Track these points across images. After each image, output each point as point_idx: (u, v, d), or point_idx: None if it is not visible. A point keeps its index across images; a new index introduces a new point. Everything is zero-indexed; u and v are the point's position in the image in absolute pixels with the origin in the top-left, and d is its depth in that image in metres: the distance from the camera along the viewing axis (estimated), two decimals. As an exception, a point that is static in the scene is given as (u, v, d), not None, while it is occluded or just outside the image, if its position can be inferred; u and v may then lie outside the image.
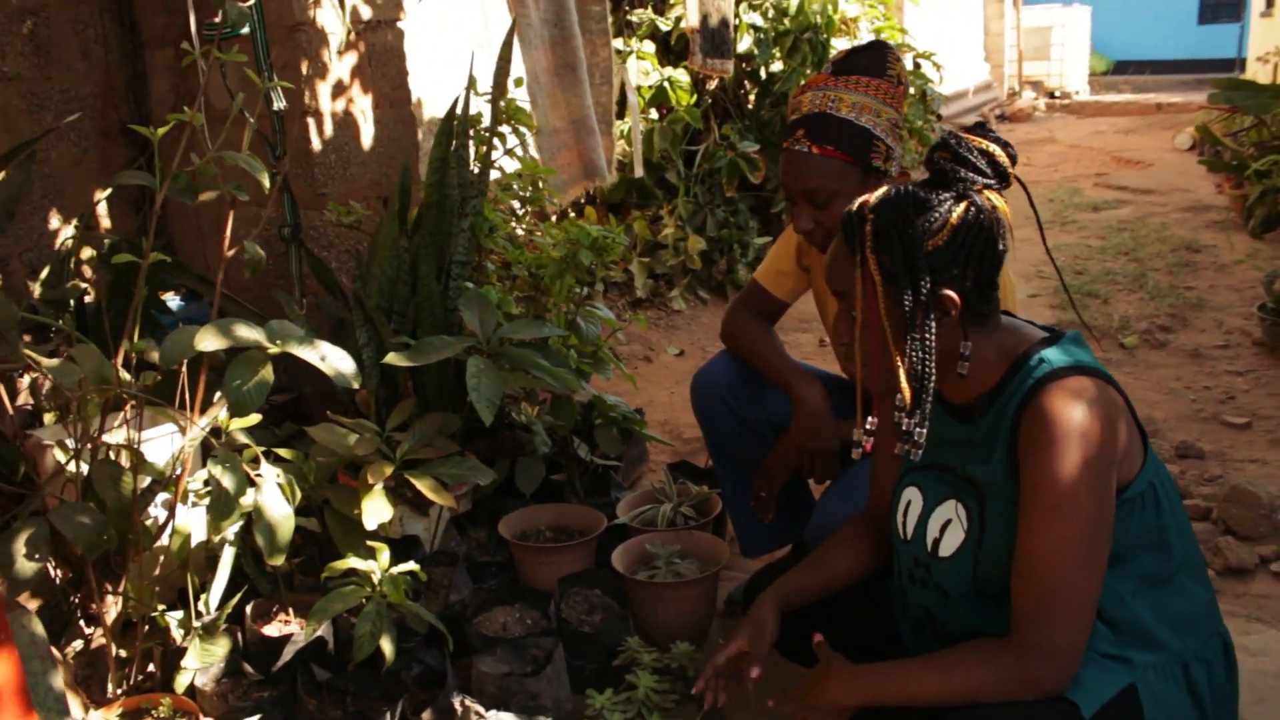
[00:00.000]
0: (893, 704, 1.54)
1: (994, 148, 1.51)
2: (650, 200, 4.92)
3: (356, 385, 1.67)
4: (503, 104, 2.71)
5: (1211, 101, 6.19)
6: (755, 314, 2.38)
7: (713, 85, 5.08)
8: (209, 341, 1.56)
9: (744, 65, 5.09)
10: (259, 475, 1.81)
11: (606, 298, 4.68)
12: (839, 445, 2.22)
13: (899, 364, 1.52)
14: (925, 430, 1.54)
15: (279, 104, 2.29)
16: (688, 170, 4.97)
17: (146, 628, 2.06)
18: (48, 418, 2.44)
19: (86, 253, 2.97)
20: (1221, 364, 4.12)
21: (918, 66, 6.21)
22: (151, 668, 2.13)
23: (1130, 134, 9.85)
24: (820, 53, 5.21)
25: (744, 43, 4.93)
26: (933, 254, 1.48)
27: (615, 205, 5.03)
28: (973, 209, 1.48)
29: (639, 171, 3.75)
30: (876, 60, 2.03)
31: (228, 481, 1.73)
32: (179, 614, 2.10)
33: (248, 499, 1.79)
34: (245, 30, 2.37)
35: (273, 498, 1.78)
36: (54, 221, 3.11)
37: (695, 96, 4.86)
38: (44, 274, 2.72)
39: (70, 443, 1.98)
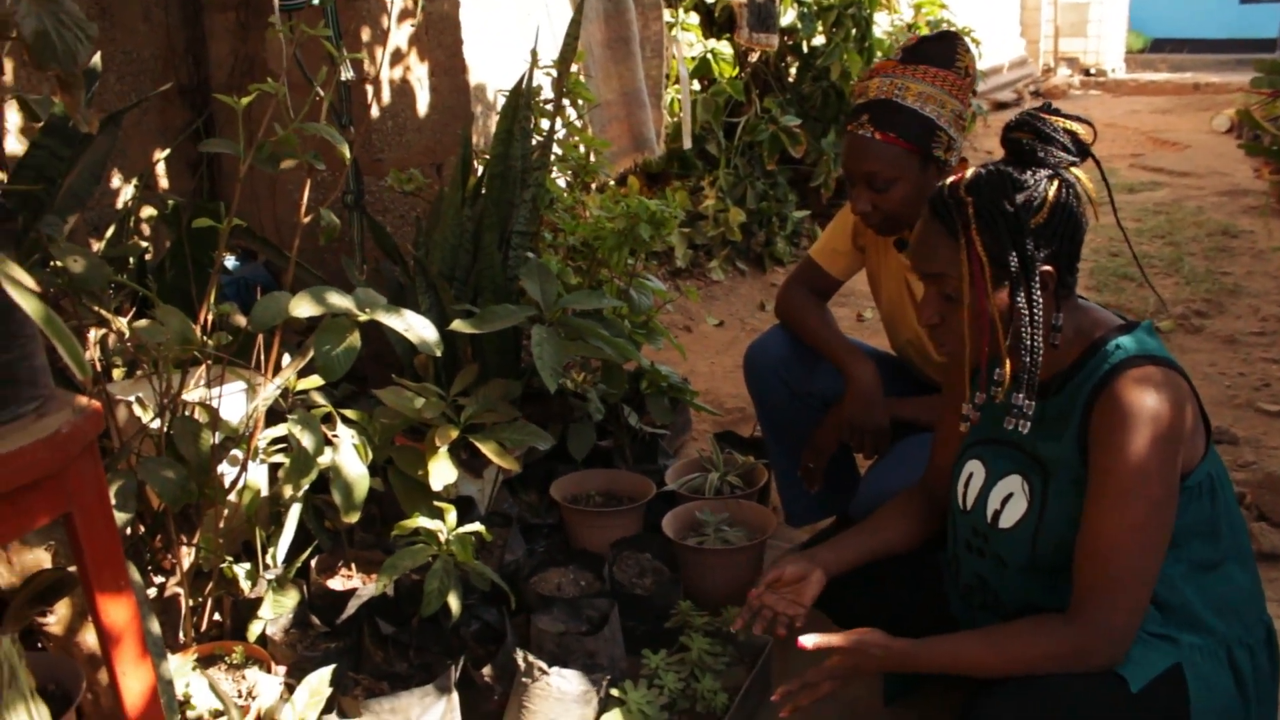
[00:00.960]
0: (947, 671, 1.60)
1: (1076, 125, 1.55)
2: (691, 171, 4.95)
3: (439, 353, 1.74)
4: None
5: (1254, 85, 6.15)
6: (809, 290, 2.43)
7: (755, 58, 5.09)
8: (303, 308, 1.63)
9: (786, 39, 5.10)
10: (335, 435, 1.88)
11: (648, 264, 4.73)
12: (888, 422, 2.27)
13: (1003, 341, 1.56)
14: (1032, 404, 1.57)
15: (347, 74, 2.34)
16: (728, 142, 5.00)
17: (215, 579, 2.14)
18: (116, 373, 2.51)
19: (146, 212, 3.04)
20: (1257, 351, 4.14)
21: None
22: (218, 616, 2.21)
23: (1167, 114, 9.77)
24: (863, 27, 5.22)
25: (788, 17, 4.94)
26: (1035, 231, 1.52)
27: (655, 175, 5.06)
28: (1065, 187, 1.52)
29: (688, 143, 3.78)
30: (946, 51, 2.07)
31: (307, 441, 1.79)
32: (246, 566, 2.19)
33: (324, 457, 1.86)
34: (316, 1, 2.41)
35: (349, 457, 1.85)
36: (115, 181, 3.17)
37: (738, 69, 4.87)
38: (109, 233, 2.78)
39: (147, 399, 2.05)
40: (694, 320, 4.60)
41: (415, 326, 1.73)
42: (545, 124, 2.72)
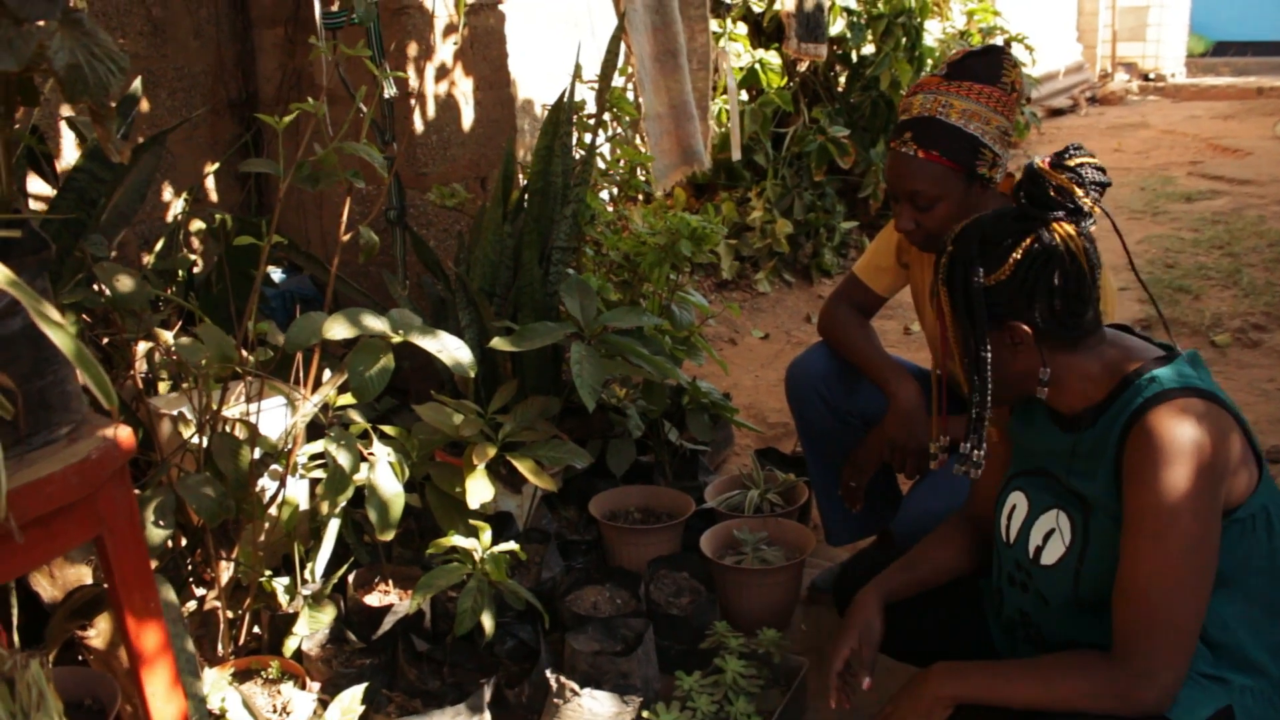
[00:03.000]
0: (990, 703, 1.56)
1: (1074, 185, 1.53)
2: (738, 182, 4.93)
3: (473, 374, 1.74)
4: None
5: (1318, 92, 5.99)
6: (853, 307, 2.41)
7: (803, 68, 5.06)
8: (337, 330, 1.64)
9: (835, 49, 5.05)
10: (371, 453, 1.89)
11: (692, 278, 4.71)
12: (929, 442, 2.24)
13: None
14: (982, 453, 1.64)
15: (390, 91, 2.35)
16: (776, 153, 4.97)
17: (253, 593, 2.16)
18: (161, 387, 2.55)
19: (195, 225, 3.08)
20: (1326, 371, 4.03)
21: (1008, 47, 6.11)
22: (257, 630, 2.23)
23: (1228, 120, 9.55)
24: (913, 36, 5.16)
25: (836, 26, 4.90)
26: (995, 289, 1.54)
27: (702, 186, 5.06)
28: (1036, 245, 1.52)
29: (737, 154, 3.76)
30: (991, 66, 2.03)
31: (343, 459, 1.80)
32: (284, 580, 2.20)
33: (360, 475, 1.87)
34: (356, 19, 2.43)
35: (385, 475, 1.85)
36: (165, 194, 3.22)
37: (786, 79, 4.85)
38: (158, 246, 2.83)
39: (189, 414, 2.07)
40: (739, 333, 4.57)
41: (449, 348, 1.73)
42: (588, 138, 2.72)
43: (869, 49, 5.12)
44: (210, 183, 3.36)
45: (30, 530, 1.07)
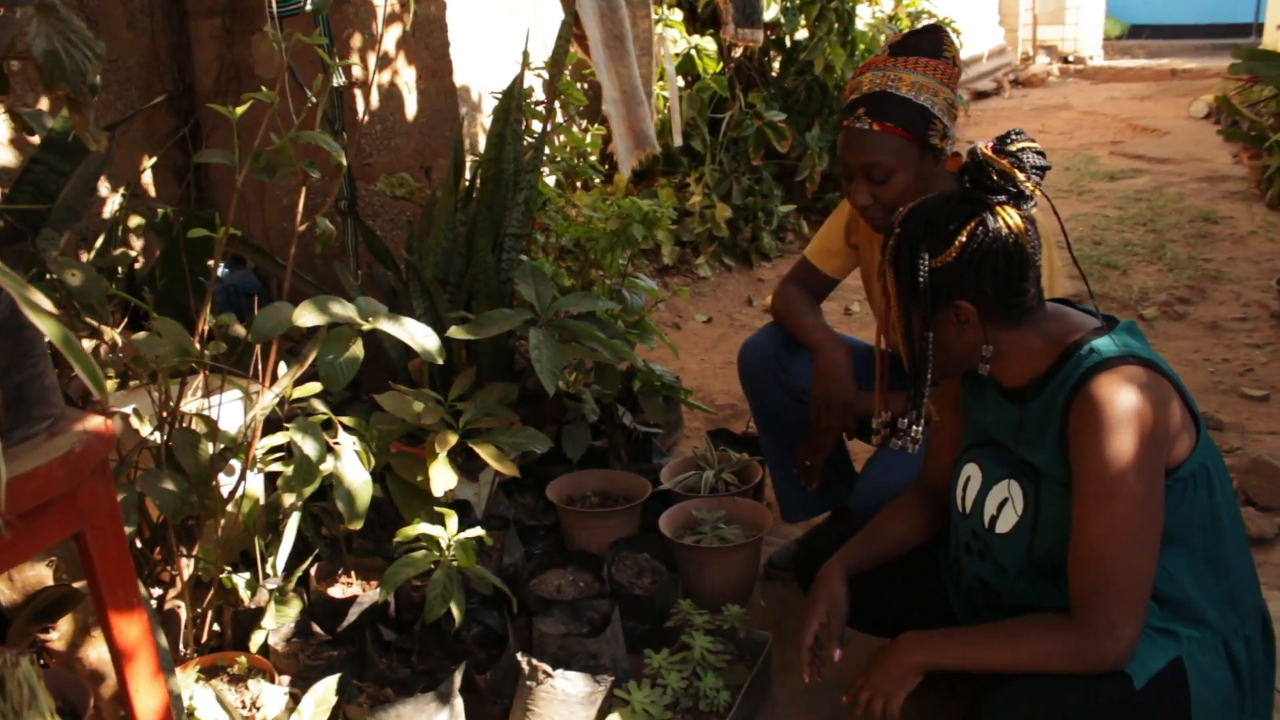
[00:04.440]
0: (958, 668, 1.63)
1: (1015, 169, 1.57)
2: (676, 168, 4.96)
3: (440, 360, 1.74)
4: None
5: (1233, 72, 6.18)
6: (804, 289, 2.45)
7: (738, 54, 5.11)
8: (308, 317, 1.63)
9: (770, 33, 5.10)
10: (337, 443, 1.88)
11: (634, 264, 4.74)
12: (854, 396, 2.27)
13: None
14: (920, 429, 1.69)
15: (339, 80, 2.34)
16: (713, 138, 5.01)
17: (214, 590, 2.14)
18: (109, 385, 2.51)
19: (133, 221, 3.03)
20: (1240, 336, 4.18)
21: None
22: (217, 628, 2.21)
23: (1145, 100, 9.81)
24: (845, 21, 5.23)
25: (771, 11, 4.95)
26: (940, 270, 1.59)
27: (641, 173, 5.07)
28: (980, 228, 1.57)
29: (677, 140, 3.79)
30: (934, 43, 2.09)
31: (309, 449, 1.80)
32: (245, 576, 2.19)
33: (325, 465, 1.86)
34: (309, 7, 2.41)
35: (351, 465, 1.85)
36: (102, 190, 3.16)
37: (721, 65, 4.88)
38: (98, 242, 2.77)
39: (144, 410, 2.05)
40: (683, 317, 4.61)
41: (417, 335, 1.74)
42: (536, 125, 2.73)
43: (802, 34, 5.18)
44: (148, 178, 3.30)
45: (14, 526, 1.06)
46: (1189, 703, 1.55)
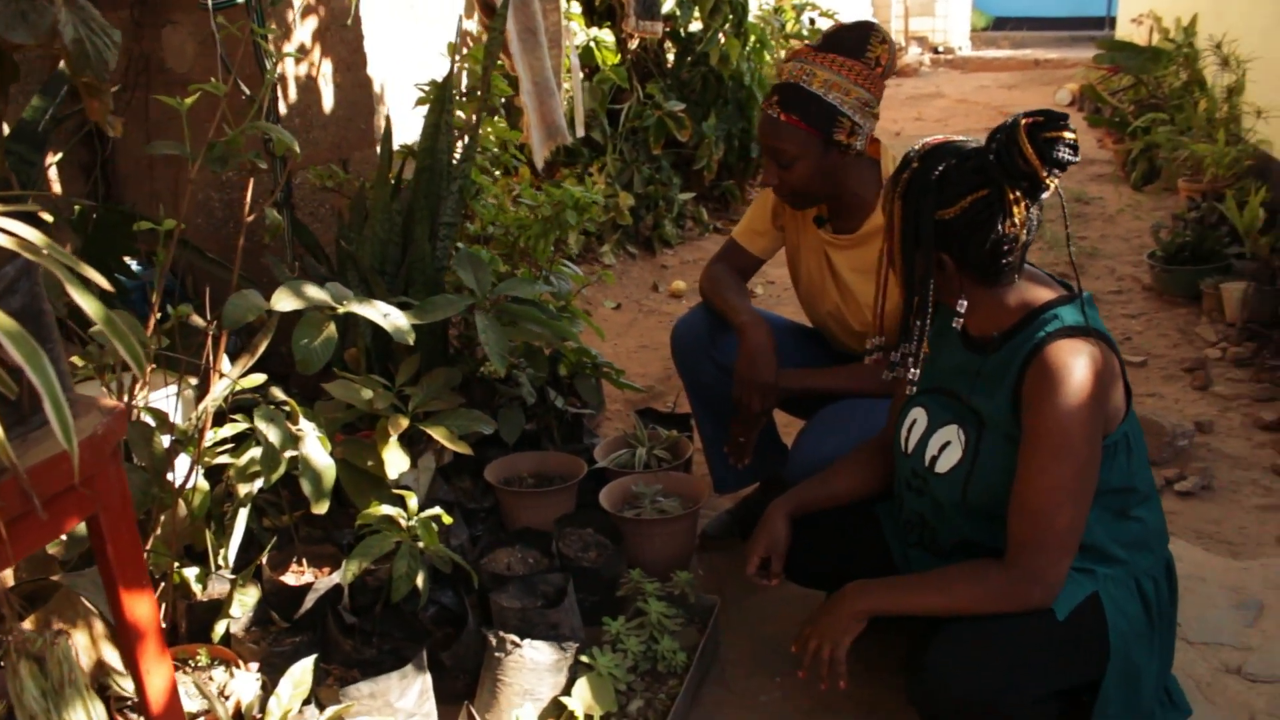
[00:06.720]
0: (899, 613, 1.76)
1: (1039, 162, 1.60)
2: (577, 159, 5.03)
3: (411, 340, 1.79)
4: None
5: (1097, 61, 6.55)
6: (730, 268, 2.56)
7: (635, 46, 5.20)
8: (285, 302, 1.66)
9: (666, 25, 5.21)
10: (299, 429, 1.91)
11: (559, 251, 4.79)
12: (775, 378, 2.34)
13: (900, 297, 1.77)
14: (916, 373, 1.79)
15: (274, 74, 2.35)
16: (613, 129, 5.10)
17: (172, 584, 2.14)
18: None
19: (45, 216, 2.96)
20: (1116, 308, 4.45)
21: (813, 23, 6.46)
22: (166, 624, 2.21)
23: (1013, 89, 10.26)
24: (740, 13, 5.37)
25: (667, 4, 5.05)
26: (941, 223, 1.68)
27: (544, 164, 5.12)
28: (983, 202, 1.64)
29: (580, 131, 3.86)
30: (859, 41, 2.20)
31: (273, 436, 1.83)
32: (196, 569, 2.19)
33: (289, 452, 1.89)
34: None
35: (314, 448, 1.89)
36: (5, 186, 3.08)
37: (619, 56, 4.97)
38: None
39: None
40: (591, 304, 4.69)
41: (392, 316, 1.78)
42: (463, 115, 2.77)
43: (696, 25, 5.30)
44: (53, 173, 3.23)
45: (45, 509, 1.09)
46: (1107, 632, 1.70)
